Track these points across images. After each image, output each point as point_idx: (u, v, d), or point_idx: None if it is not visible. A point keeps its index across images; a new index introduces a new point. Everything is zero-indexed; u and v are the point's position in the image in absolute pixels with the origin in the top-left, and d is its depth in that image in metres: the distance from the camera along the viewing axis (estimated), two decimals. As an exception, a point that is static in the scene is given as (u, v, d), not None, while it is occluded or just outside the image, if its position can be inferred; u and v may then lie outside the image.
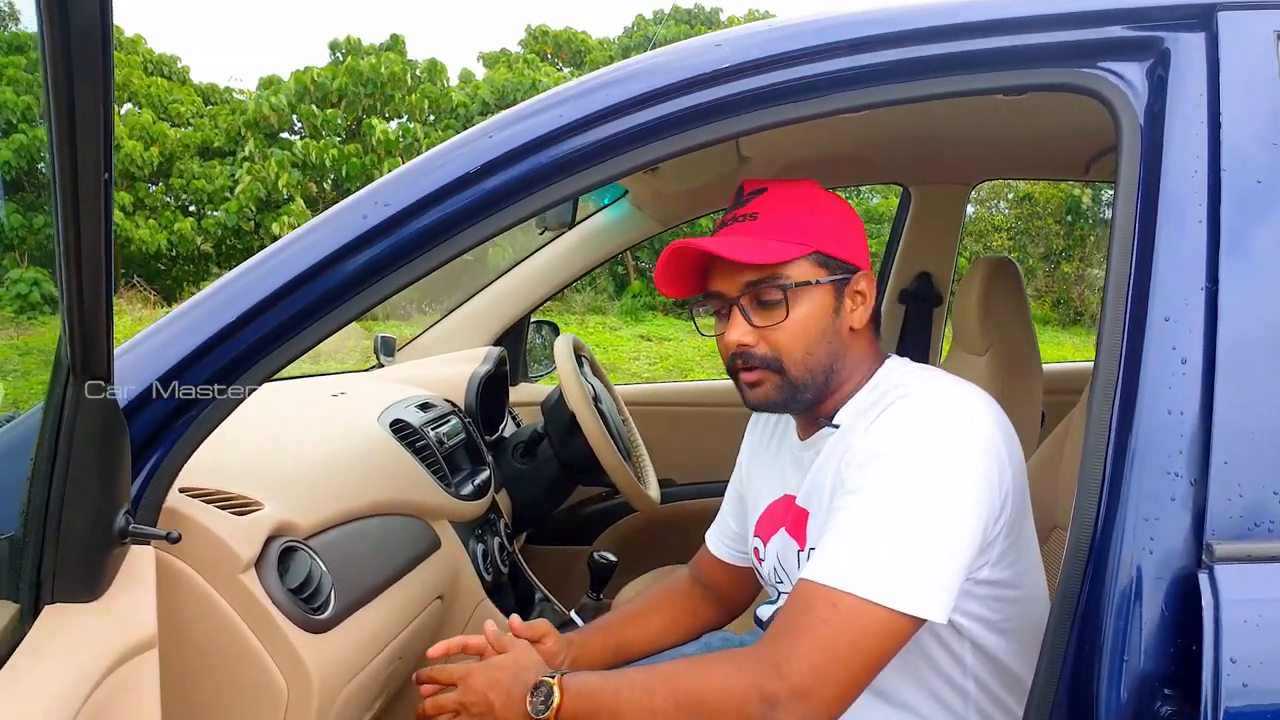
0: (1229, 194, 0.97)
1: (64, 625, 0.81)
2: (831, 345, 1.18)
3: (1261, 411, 0.92)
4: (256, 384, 1.03)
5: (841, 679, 1.00)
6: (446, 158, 1.07)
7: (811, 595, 1.02)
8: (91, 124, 0.60)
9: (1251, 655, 0.85)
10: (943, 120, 1.90)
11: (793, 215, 1.18)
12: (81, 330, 0.75)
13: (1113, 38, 1.06)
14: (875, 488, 1.04)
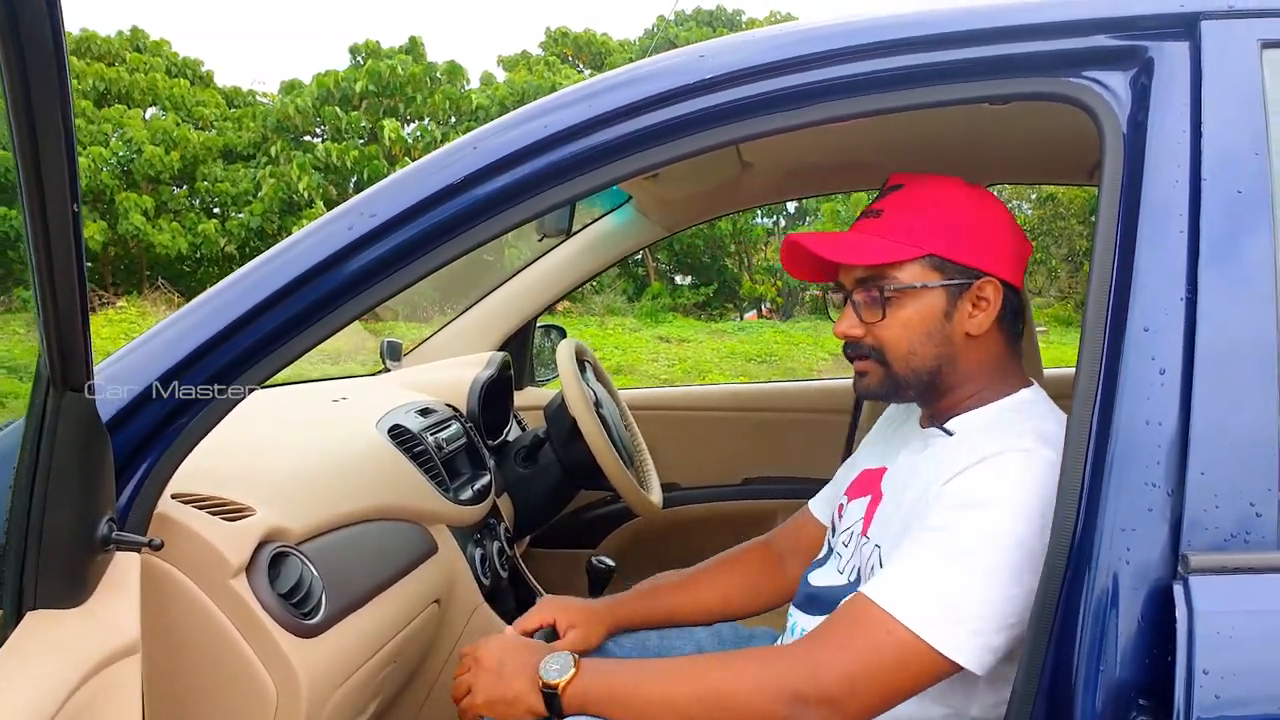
0: (1209, 204, 0.97)
1: (45, 630, 0.82)
2: (939, 348, 1.18)
3: (1239, 422, 0.92)
4: (248, 390, 1.04)
5: (871, 699, 1.02)
6: (433, 168, 1.08)
7: (869, 615, 1.03)
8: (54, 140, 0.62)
9: (1224, 667, 0.84)
10: (946, 126, 1.89)
11: (915, 216, 1.18)
12: (59, 343, 0.77)
13: (1097, 47, 1.06)
14: (964, 538, 1.04)
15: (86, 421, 0.83)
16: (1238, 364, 0.93)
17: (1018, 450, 1.07)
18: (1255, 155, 0.97)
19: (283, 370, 1.08)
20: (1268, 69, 1.00)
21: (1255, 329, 0.93)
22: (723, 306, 17.58)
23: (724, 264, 17.74)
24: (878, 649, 1.02)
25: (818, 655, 1.04)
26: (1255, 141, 0.98)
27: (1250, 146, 0.98)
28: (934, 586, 1.03)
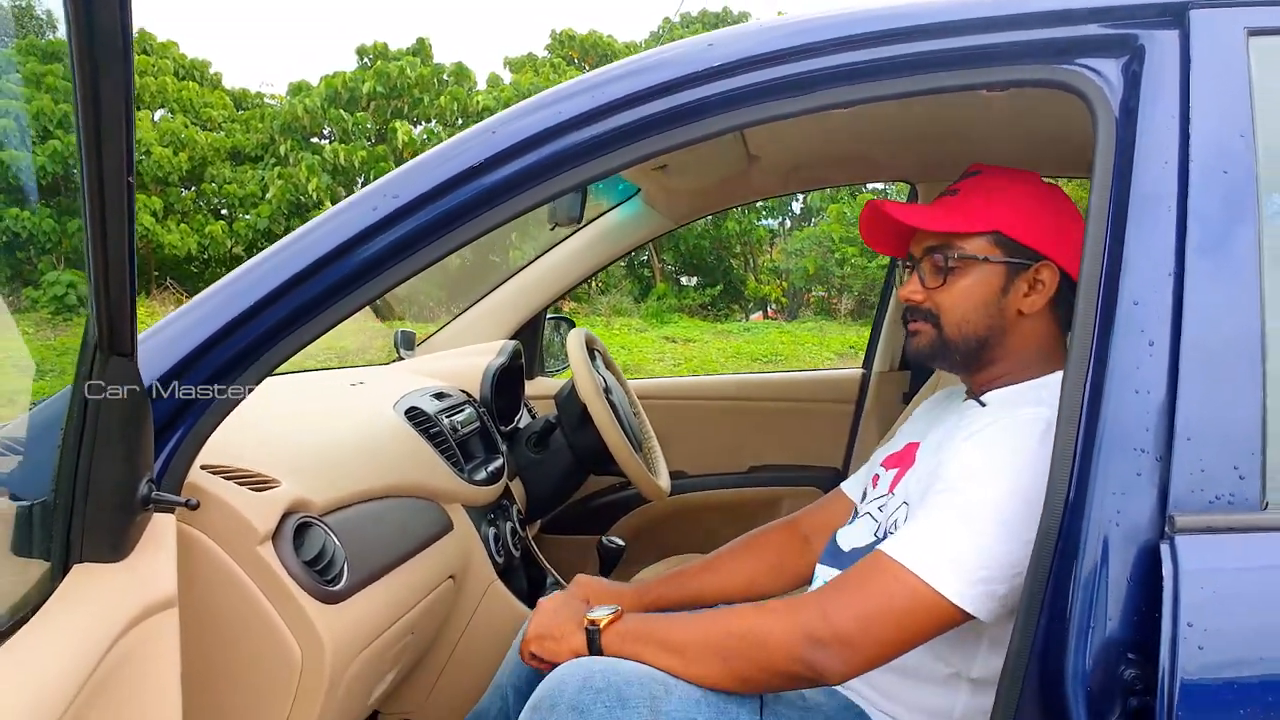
0: (1196, 184, 1.01)
1: (90, 582, 0.87)
2: (991, 320, 1.27)
3: (1223, 392, 0.96)
4: (279, 363, 1.09)
5: (881, 640, 1.09)
6: (453, 152, 1.13)
7: (882, 565, 1.11)
8: (115, 126, 0.66)
9: (1207, 621, 0.88)
10: (947, 118, 1.94)
11: (987, 196, 1.28)
12: (108, 311, 0.82)
13: (1090, 35, 1.10)
14: (974, 494, 1.12)
15: (130, 384, 0.88)
16: (1223, 336, 0.97)
17: (1030, 414, 1.15)
18: (1241, 138, 1.01)
19: (309, 346, 1.13)
20: (1254, 55, 1.04)
21: (1240, 303, 0.98)
22: (728, 307, 17.63)
23: (729, 265, 17.78)
24: (889, 595, 1.09)
25: (835, 601, 1.11)
26: (1241, 125, 1.02)
27: (1236, 130, 1.02)
28: (944, 539, 1.10)
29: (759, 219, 18.17)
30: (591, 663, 1.16)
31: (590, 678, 1.13)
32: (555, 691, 1.13)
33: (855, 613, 1.09)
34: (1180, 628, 0.89)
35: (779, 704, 1.19)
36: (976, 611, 1.08)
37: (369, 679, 1.37)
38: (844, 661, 1.09)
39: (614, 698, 1.11)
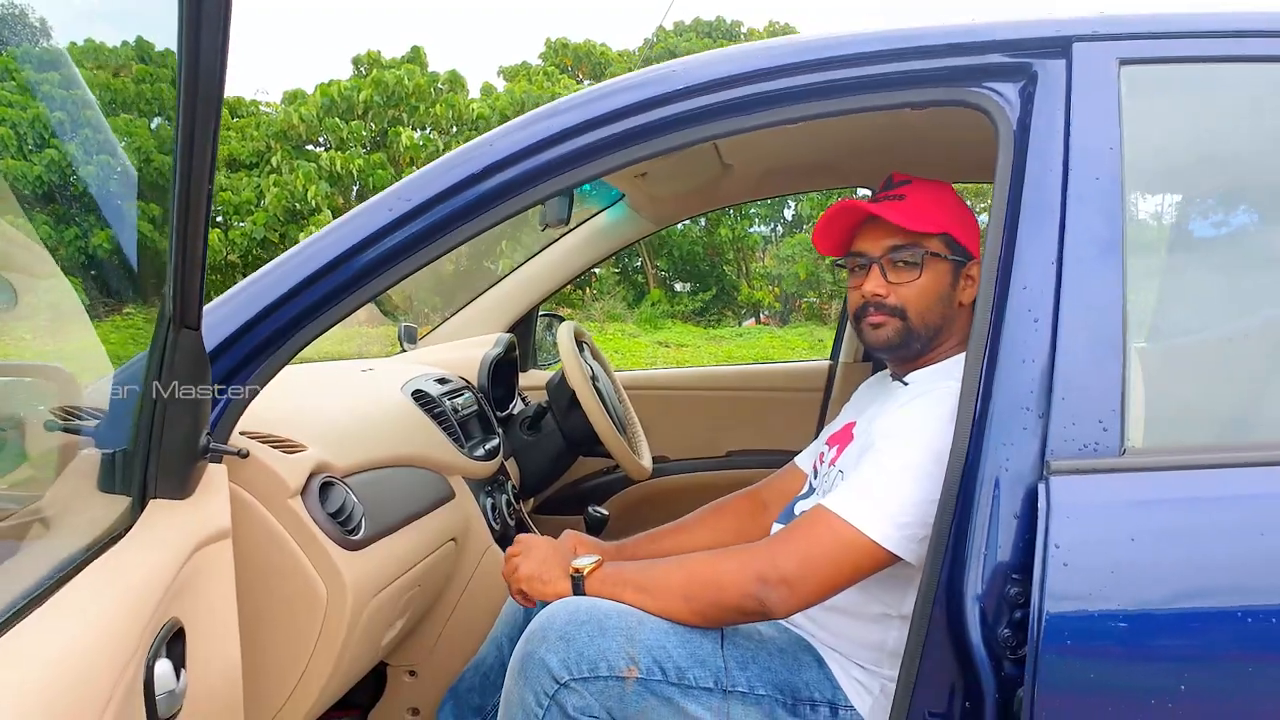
0: (1074, 187, 1.21)
1: (164, 515, 1.07)
2: (944, 311, 1.48)
3: (1092, 359, 1.16)
4: (310, 341, 1.28)
5: (820, 580, 1.30)
6: (456, 162, 1.33)
7: (821, 517, 1.32)
8: (204, 140, 0.87)
9: (1071, 543, 1.08)
10: (904, 130, 2.14)
11: (932, 202, 1.47)
12: (183, 292, 1.02)
13: (994, 63, 1.31)
14: (893, 454, 1.33)
15: (196, 354, 1.08)
16: (1091, 313, 1.18)
17: (945, 388, 1.36)
18: (1110, 149, 1.22)
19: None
20: (1123, 81, 1.24)
21: (1106, 286, 1.18)
22: (721, 313, 17.84)
23: (722, 271, 18.00)
24: (824, 541, 1.30)
25: (780, 548, 1.32)
26: (1111, 138, 1.22)
27: (1106, 142, 1.22)
28: (872, 493, 1.31)
29: (751, 226, 18.41)
30: (578, 600, 1.37)
31: (576, 612, 1.33)
32: (546, 624, 1.33)
33: (798, 557, 1.30)
34: (1050, 550, 1.09)
35: (737, 635, 1.40)
36: (901, 553, 1.29)
37: (381, 623, 1.56)
38: (788, 599, 1.29)
39: (596, 628, 1.31)
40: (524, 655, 1.32)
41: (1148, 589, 1.09)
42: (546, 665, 1.29)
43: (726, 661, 1.36)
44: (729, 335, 15.32)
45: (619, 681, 1.29)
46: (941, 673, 1.20)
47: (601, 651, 1.29)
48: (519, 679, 1.32)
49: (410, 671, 1.95)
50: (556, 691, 1.29)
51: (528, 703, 1.30)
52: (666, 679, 1.31)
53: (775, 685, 1.39)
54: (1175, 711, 1.07)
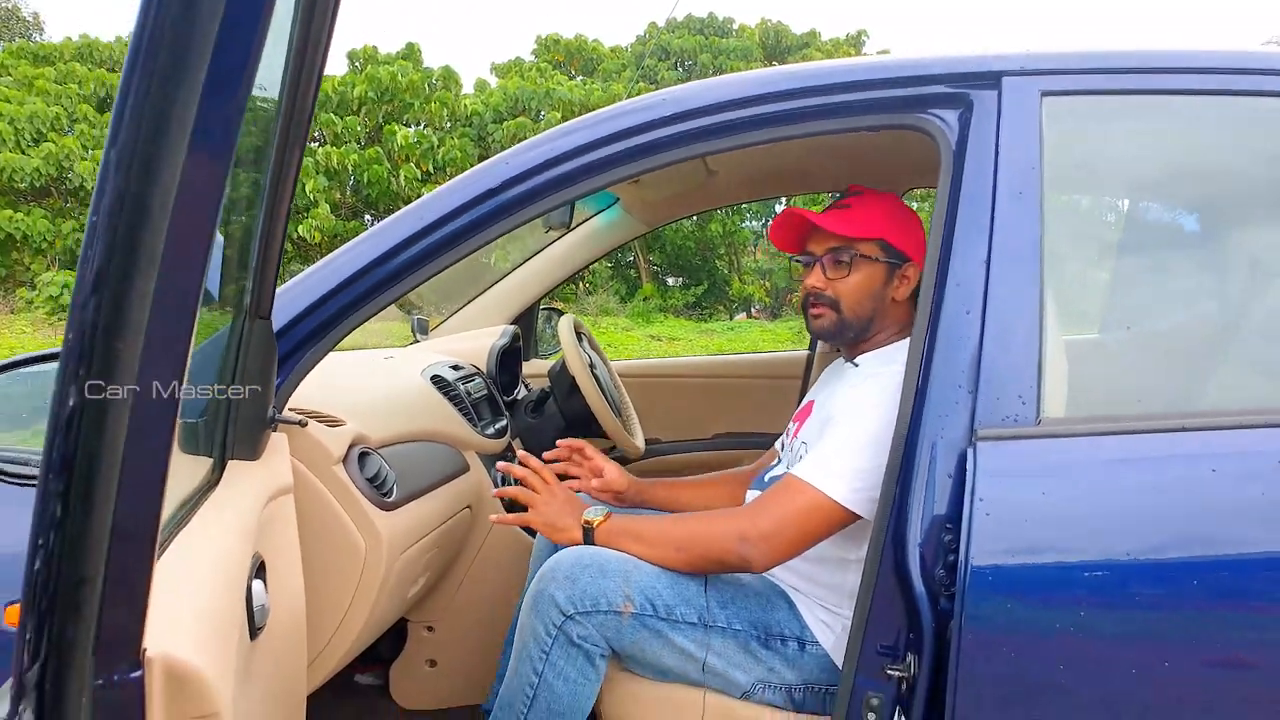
0: (1001, 199, 1.43)
1: (242, 473, 1.29)
2: (876, 304, 1.72)
3: (1012, 344, 1.38)
4: (352, 330, 1.50)
5: (792, 537, 1.53)
6: (476, 177, 1.55)
7: (789, 483, 1.56)
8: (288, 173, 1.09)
9: (992, 498, 1.30)
10: (872, 140, 2.36)
11: (873, 212, 1.71)
12: (260, 289, 1.24)
13: (938, 93, 1.53)
14: (850, 425, 1.57)
15: (267, 339, 1.30)
16: (1013, 305, 1.40)
17: (889, 371, 1.59)
18: (1031, 169, 1.44)
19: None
20: (1045, 110, 1.47)
21: (1026, 282, 1.40)
22: (713, 307, 18.03)
23: (714, 266, 18.19)
24: (795, 504, 1.53)
25: (758, 511, 1.56)
26: (1032, 159, 1.45)
27: (1028, 162, 1.44)
28: (832, 460, 1.54)
29: (743, 221, 18.62)
30: (582, 548, 1.60)
31: (580, 557, 1.56)
32: (554, 567, 1.56)
33: (773, 519, 1.53)
34: (976, 503, 1.31)
35: (719, 580, 1.63)
36: (859, 511, 1.52)
37: (408, 577, 1.78)
38: (766, 554, 1.53)
39: (597, 570, 1.54)
40: (536, 593, 1.55)
41: (1056, 536, 1.32)
42: (555, 601, 1.52)
43: (709, 601, 1.59)
44: (720, 329, 15.53)
45: (616, 615, 1.52)
46: (889, 610, 1.42)
47: (602, 590, 1.52)
48: (531, 612, 1.55)
49: (428, 627, 2.17)
50: (563, 623, 1.52)
51: (539, 632, 1.53)
52: (656, 614, 1.54)
53: (750, 622, 1.62)
54: (1076, 637, 1.29)
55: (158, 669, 0.72)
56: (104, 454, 0.58)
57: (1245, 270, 1.54)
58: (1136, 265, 1.55)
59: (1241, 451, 1.34)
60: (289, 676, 1.34)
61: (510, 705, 1.58)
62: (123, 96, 0.55)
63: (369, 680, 2.26)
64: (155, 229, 0.55)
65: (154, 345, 0.60)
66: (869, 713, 1.44)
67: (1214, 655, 1.28)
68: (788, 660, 1.62)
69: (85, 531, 0.57)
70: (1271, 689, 1.28)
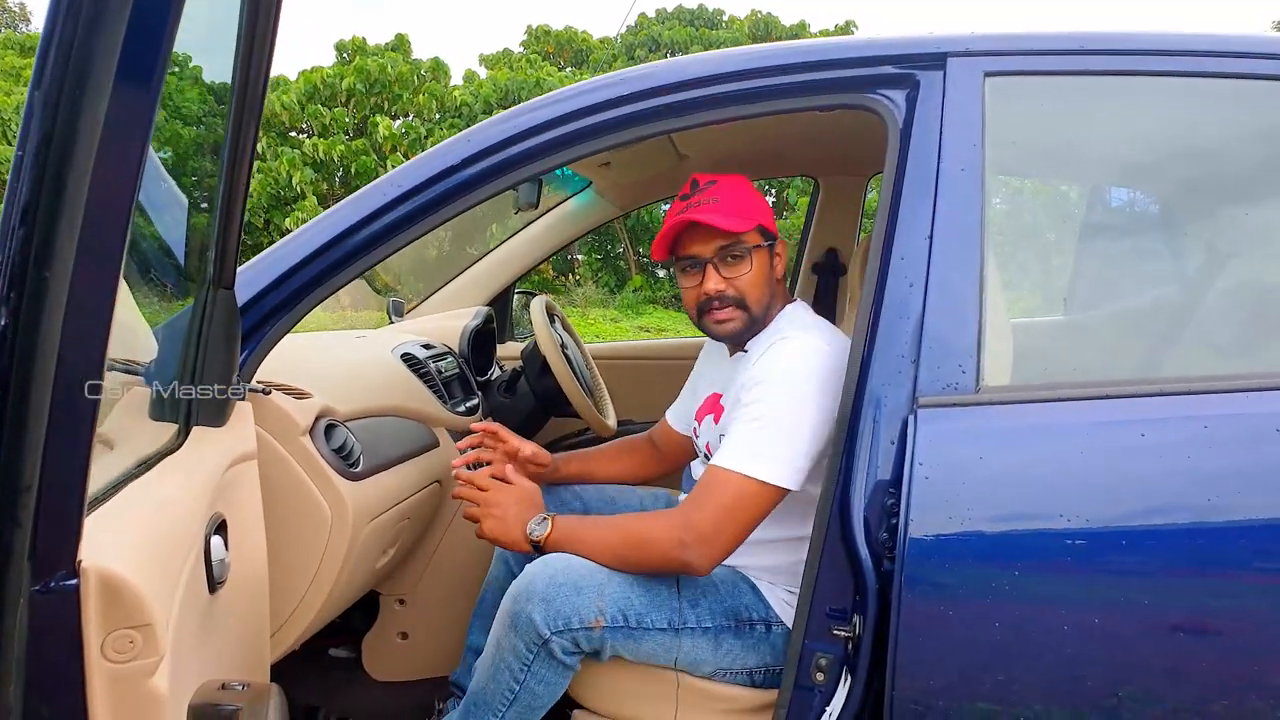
0: (944, 176, 1.48)
1: (205, 438, 1.33)
2: (771, 290, 1.73)
3: (953, 317, 1.43)
4: (317, 304, 1.54)
5: (731, 531, 1.55)
6: (439, 154, 1.59)
7: (714, 475, 1.57)
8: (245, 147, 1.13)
9: (930, 460, 1.35)
10: (842, 125, 2.41)
11: (743, 199, 1.70)
12: (222, 259, 1.28)
13: (887, 74, 1.57)
14: (757, 404, 1.58)
15: (230, 309, 1.34)
16: (954, 280, 1.45)
17: (780, 341, 1.64)
18: (973, 146, 1.49)
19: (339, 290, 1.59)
20: (987, 90, 1.51)
21: (966, 256, 1.45)
22: (701, 298, 18.01)
23: (703, 256, 18.17)
24: (724, 497, 1.55)
25: (690, 511, 1.57)
26: (974, 137, 1.49)
27: (970, 139, 1.49)
28: (746, 441, 1.57)
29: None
30: (554, 560, 1.59)
31: (554, 575, 1.56)
32: (529, 587, 1.56)
33: (707, 518, 1.54)
34: (915, 467, 1.36)
35: (689, 580, 1.65)
36: (787, 484, 1.54)
37: (375, 547, 1.83)
38: (705, 556, 1.55)
39: (572, 589, 1.55)
40: (514, 612, 1.56)
41: (993, 498, 1.37)
42: (533, 622, 1.53)
43: (681, 603, 1.62)
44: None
45: (589, 630, 1.55)
46: (836, 573, 1.46)
47: (575, 608, 1.54)
48: (510, 631, 1.56)
49: (400, 600, 2.22)
50: (544, 642, 1.54)
51: (519, 650, 1.56)
52: (628, 624, 1.57)
53: (722, 613, 1.65)
54: (1012, 596, 1.34)
55: (93, 578, 0.77)
56: (36, 371, 0.62)
57: (1183, 245, 1.59)
58: (1076, 240, 1.60)
59: (1171, 418, 1.39)
60: (252, 633, 1.38)
61: (488, 705, 1.62)
62: (46, 39, 0.59)
63: (342, 653, 2.30)
64: (80, 167, 0.59)
65: (83, 271, 0.64)
66: (817, 673, 1.49)
67: (1143, 615, 1.32)
68: (753, 645, 1.66)
69: (21, 444, 0.62)
70: (1197, 647, 1.33)
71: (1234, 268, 1.61)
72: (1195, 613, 1.32)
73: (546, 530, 1.64)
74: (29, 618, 0.68)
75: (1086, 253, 1.55)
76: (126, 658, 0.77)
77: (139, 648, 0.78)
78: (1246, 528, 1.33)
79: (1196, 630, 1.34)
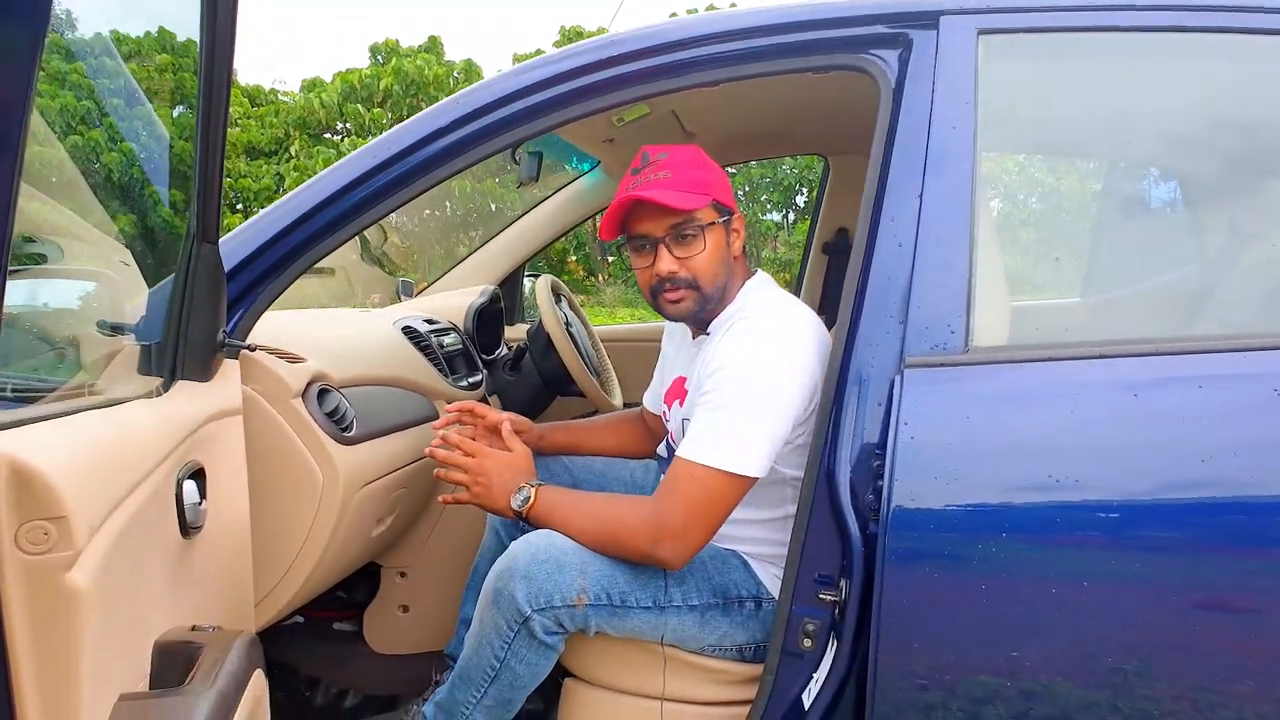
0: (935, 135, 1.46)
1: (187, 391, 1.33)
2: (727, 268, 1.67)
3: (942, 276, 1.41)
4: (310, 266, 1.55)
5: (702, 525, 1.53)
6: (429, 116, 1.59)
7: (679, 468, 1.54)
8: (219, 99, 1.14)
9: (914, 418, 1.33)
10: (852, 101, 2.37)
11: (696, 173, 1.62)
12: (204, 212, 1.29)
13: (878, 33, 1.55)
14: (718, 392, 1.55)
15: (214, 264, 1.34)
16: (945, 238, 1.42)
17: (741, 320, 1.60)
18: (965, 104, 1.47)
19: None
20: (981, 48, 1.49)
21: (956, 215, 1.43)
22: (732, 298, 17.94)
23: (734, 257, 18.13)
24: (692, 491, 1.52)
25: (660, 505, 1.54)
26: (967, 95, 1.47)
27: (964, 98, 1.47)
28: (709, 431, 1.53)
29: (763, 213, 18.64)
30: (537, 538, 1.58)
31: (536, 553, 1.55)
32: (511, 565, 1.55)
33: (676, 512, 1.51)
34: (901, 427, 1.33)
35: None
36: (754, 472, 1.51)
37: (370, 513, 1.83)
38: (678, 552, 1.53)
39: (554, 566, 1.54)
40: (495, 589, 1.55)
41: (978, 458, 1.34)
42: (514, 599, 1.52)
43: (666, 580, 1.60)
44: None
45: (571, 608, 1.53)
46: (824, 538, 1.44)
47: (557, 585, 1.52)
48: (493, 608, 1.55)
49: (401, 573, 2.23)
50: (525, 620, 1.53)
51: (500, 626, 1.55)
52: (611, 603, 1.55)
53: (710, 590, 1.62)
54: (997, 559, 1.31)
55: (3, 466, 0.78)
56: None
57: (1178, 206, 1.55)
58: (1070, 195, 1.57)
59: (1161, 379, 1.36)
60: (234, 586, 1.39)
61: (471, 680, 1.61)
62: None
63: (344, 627, 2.31)
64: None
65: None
66: (804, 638, 1.47)
67: (1133, 580, 1.29)
68: (741, 623, 1.64)
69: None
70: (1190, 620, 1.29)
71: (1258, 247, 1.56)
72: (1192, 587, 1.28)
73: (530, 499, 1.62)
74: (-67, 501, 0.68)
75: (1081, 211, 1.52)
76: (40, 549, 0.77)
77: (53, 540, 0.78)
78: (1249, 499, 1.29)
79: (1192, 600, 1.30)
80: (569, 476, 1.96)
